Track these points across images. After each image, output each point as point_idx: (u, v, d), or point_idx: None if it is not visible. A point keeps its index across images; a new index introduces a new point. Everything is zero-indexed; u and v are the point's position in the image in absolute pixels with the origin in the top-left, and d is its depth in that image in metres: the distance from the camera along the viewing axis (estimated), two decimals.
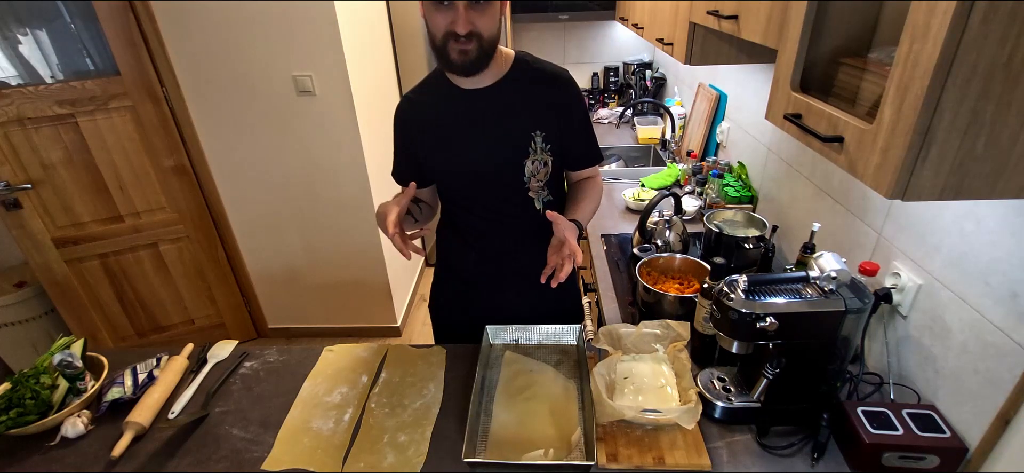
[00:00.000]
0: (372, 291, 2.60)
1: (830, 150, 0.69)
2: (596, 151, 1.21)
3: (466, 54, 0.97)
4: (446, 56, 0.98)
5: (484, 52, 0.98)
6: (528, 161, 1.12)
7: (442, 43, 0.97)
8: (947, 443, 0.85)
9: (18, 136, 1.97)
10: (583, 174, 1.24)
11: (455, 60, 0.98)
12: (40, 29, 1.94)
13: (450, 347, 1.22)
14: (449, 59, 0.98)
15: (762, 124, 1.72)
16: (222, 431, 1.03)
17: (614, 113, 3.18)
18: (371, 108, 2.32)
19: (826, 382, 0.93)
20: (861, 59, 0.73)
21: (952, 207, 0.91)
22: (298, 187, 2.32)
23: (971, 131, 0.54)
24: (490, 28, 0.98)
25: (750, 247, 1.34)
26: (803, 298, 0.88)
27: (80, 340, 1.16)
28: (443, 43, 0.97)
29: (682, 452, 0.91)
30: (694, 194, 1.93)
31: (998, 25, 0.49)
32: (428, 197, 1.26)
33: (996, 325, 0.81)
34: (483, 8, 0.94)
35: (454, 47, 0.96)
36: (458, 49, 0.96)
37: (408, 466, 0.93)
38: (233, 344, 1.26)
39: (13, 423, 0.98)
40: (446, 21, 0.94)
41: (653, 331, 1.13)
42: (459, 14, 0.92)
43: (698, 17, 1.36)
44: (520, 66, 1.09)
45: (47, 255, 2.17)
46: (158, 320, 2.52)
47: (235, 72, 2.05)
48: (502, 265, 1.25)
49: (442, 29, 0.95)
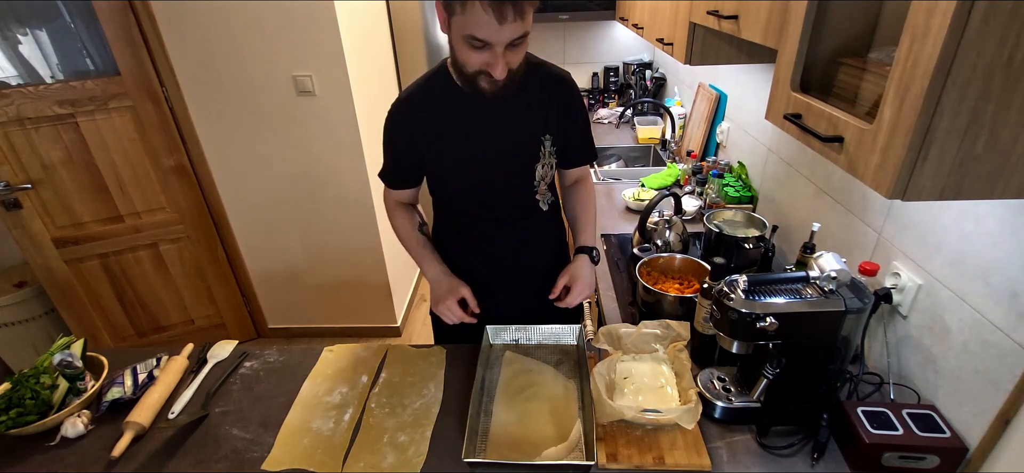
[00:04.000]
0: (372, 291, 2.60)
1: (830, 150, 0.69)
2: (592, 150, 1.24)
3: (495, 85, 0.95)
4: (475, 85, 0.96)
5: (512, 80, 0.96)
6: (538, 166, 1.13)
7: (472, 75, 0.94)
8: (947, 443, 0.85)
9: (18, 136, 1.97)
10: (573, 175, 1.27)
11: (486, 90, 0.96)
12: (40, 29, 1.94)
13: (450, 347, 1.22)
14: (478, 87, 0.96)
15: (762, 124, 1.72)
16: (222, 431, 1.03)
17: (614, 113, 3.18)
18: (371, 108, 2.32)
19: (826, 382, 0.93)
20: (861, 59, 0.73)
21: (952, 207, 0.91)
22: (298, 187, 2.32)
23: (971, 131, 0.54)
24: (520, 59, 0.95)
25: (750, 247, 1.34)
26: (803, 298, 0.88)
27: (80, 340, 1.16)
28: (473, 75, 0.94)
29: (682, 452, 0.91)
30: (694, 194, 1.93)
31: (998, 25, 0.49)
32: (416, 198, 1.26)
33: (996, 325, 0.81)
34: (519, 45, 0.92)
35: (485, 80, 0.94)
36: (489, 81, 0.94)
37: (408, 466, 0.93)
38: (233, 344, 1.26)
39: (13, 423, 0.98)
40: (481, 61, 0.91)
41: (653, 331, 1.13)
42: (498, 59, 0.89)
43: (698, 17, 1.36)
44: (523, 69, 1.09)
45: (47, 255, 2.17)
46: (158, 320, 2.52)
47: (235, 72, 2.05)
48: (505, 267, 1.25)
49: (476, 66, 0.92)
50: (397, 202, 1.24)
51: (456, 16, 0.87)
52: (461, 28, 0.87)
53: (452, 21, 0.89)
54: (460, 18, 0.86)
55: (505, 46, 0.89)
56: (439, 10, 0.91)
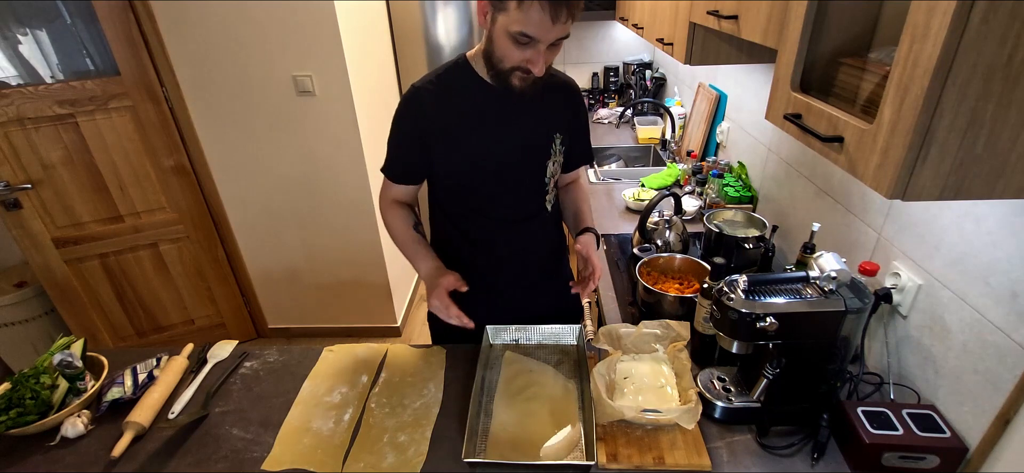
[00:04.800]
0: (372, 291, 2.60)
1: (830, 150, 0.69)
2: (590, 152, 1.28)
3: (527, 81, 0.97)
4: (507, 81, 0.98)
5: (540, 78, 0.98)
6: (550, 162, 1.14)
7: (508, 70, 0.96)
8: (947, 443, 0.85)
9: (18, 136, 1.97)
10: (569, 177, 1.31)
11: (517, 86, 0.98)
12: (40, 29, 1.94)
13: (450, 347, 1.22)
14: (509, 83, 0.98)
15: (762, 124, 1.72)
16: (222, 431, 1.03)
17: (614, 113, 3.18)
18: (371, 108, 2.32)
19: (826, 382, 0.93)
20: (861, 59, 0.73)
21: (952, 207, 0.91)
22: (298, 187, 2.32)
23: (971, 131, 0.54)
24: (554, 59, 0.98)
25: (750, 247, 1.34)
26: (803, 298, 0.88)
27: (80, 340, 1.16)
28: (509, 70, 0.96)
29: (682, 452, 0.91)
30: (694, 194, 1.93)
31: (998, 25, 0.49)
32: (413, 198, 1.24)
33: (996, 325, 0.81)
34: (558, 45, 0.94)
35: (519, 76, 0.96)
36: (523, 78, 0.96)
37: (408, 466, 0.93)
38: (233, 344, 1.26)
39: (13, 423, 0.98)
40: (522, 57, 0.92)
41: (653, 331, 1.13)
42: (540, 56, 0.92)
43: (698, 17, 1.36)
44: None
45: (47, 255, 2.17)
46: (158, 320, 2.52)
47: (235, 72, 2.05)
48: (509, 267, 1.24)
49: (515, 62, 0.94)
50: (394, 200, 1.20)
51: (507, 12, 0.88)
52: (509, 24, 0.89)
53: (498, 17, 0.90)
54: (512, 14, 0.87)
55: (548, 45, 0.91)
56: (482, 6, 0.93)
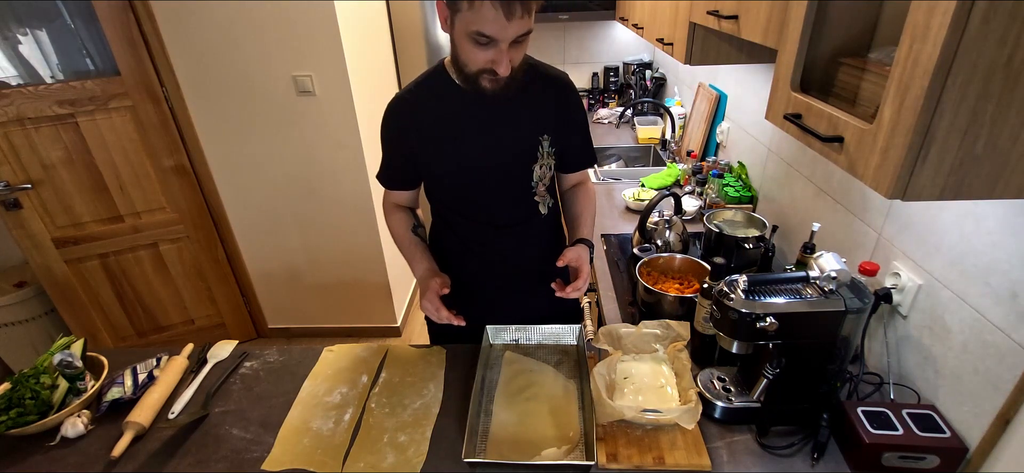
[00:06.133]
0: (372, 291, 2.60)
1: (830, 150, 0.69)
2: (591, 153, 1.23)
3: (497, 82, 0.95)
4: (477, 84, 0.96)
5: (514, 78, 0.96)
6: (536, 165, 1.12)
7: (475, 73, 0.94)
8: (947, 443, 0.85)
9: (18, 136, 1.97)
10: (573, 179, 1.26)
11: (488, 89, 0.96)
12: (40, 29, 1.94)
13: (450, 347, 1.22)
14: (480, 87, 0.96)
15: (762, 124, 1.72)
16: (222, 431, 1.03)
17: (614, 113, 3.18)
18: (371, 108, 2.32)
19: (826, 382, 0.93)
20: (861, 59, 0.73)
21: (952, 207, 0.91)
22: (298, 187, 2.32)
23: (971, 131, 0.54)
24: (521, 57, 0.96)
25: (750, 247, 1.34)
26: (803, 298, 0.88)
27: (80, 340, 1.16)
28: (476, 74, 0.94)
29: (682, 452, 0.91)
30: (694, 194, 1.93)
31: (998, 25, 0.49)
32: (415, 201, 1.25)
33: (996, 325, 0.81)
34: (522, 43, 0.92)
35: (488, 78, 0.94)
36: (492, 80, 0.94)
37: (408, 466, 0.93)
38: (233, 344, 1.26)
39: (13, 423, 0.98)
40: (486, 58, 0.91)
41: (653, 331, 1.13)
42: (502, 55, 0.89)
43: (698, 17, 1.36)
44: (524, 69, 1.08)
45: (47, 255, 2.17)
46: (158, 320, 2.52)
47: (235, 72, 2.05)
48: (505, 270, 1.24)
49: (479, 64, 0.92)
50: (395, 204, 1.22)
51: (461, 14, 0.87)
52: (466, 25, 0.87)
53: (456, 19, 0.89)
54: (466, 15, 0.86)
55: (510, 43, 0.89)
56: (441, 9, 0.91)
